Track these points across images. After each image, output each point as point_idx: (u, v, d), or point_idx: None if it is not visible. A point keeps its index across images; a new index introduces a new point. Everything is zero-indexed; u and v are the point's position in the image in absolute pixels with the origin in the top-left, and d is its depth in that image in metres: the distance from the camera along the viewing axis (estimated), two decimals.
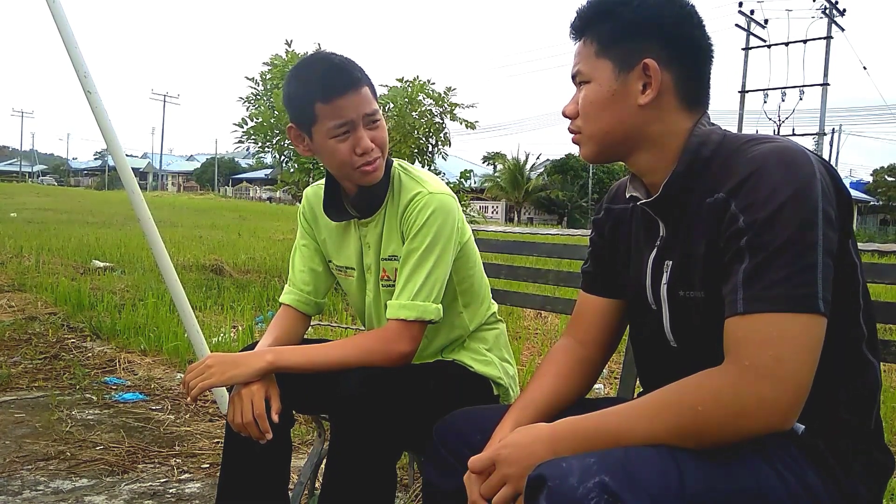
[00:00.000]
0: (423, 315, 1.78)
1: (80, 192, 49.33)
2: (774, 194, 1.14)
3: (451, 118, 9.04)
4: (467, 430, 1.51)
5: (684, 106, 1.33)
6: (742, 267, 1.15)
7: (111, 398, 3.93)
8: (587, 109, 1.36)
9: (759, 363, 1.10)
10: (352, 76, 1.76)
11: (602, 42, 1.34)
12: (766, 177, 1.17)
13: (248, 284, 8.15)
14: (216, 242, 13.91)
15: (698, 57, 1.33)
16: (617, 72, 1.32)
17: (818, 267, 1.12)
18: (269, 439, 1.74)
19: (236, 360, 1.75)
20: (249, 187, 74.13)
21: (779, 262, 1.12)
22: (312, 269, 2.04)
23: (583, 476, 1.05)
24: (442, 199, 1.83)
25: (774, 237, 1.13)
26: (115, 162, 2.93)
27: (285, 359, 1.77)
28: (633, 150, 1.36)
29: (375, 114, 1.78)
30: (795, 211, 1.13)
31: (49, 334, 5.23)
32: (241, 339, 5.04)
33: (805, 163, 1.17)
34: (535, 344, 5.63)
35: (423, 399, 1.76)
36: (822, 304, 1.11)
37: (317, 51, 1.89)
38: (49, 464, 2.96)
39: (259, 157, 9.72)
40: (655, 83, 1.30)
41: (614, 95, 1.33)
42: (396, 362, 1.77)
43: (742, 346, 1.12)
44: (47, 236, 12.68)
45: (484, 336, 2.04)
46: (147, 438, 3.34)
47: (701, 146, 1.30)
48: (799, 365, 1.10)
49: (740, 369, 1.11)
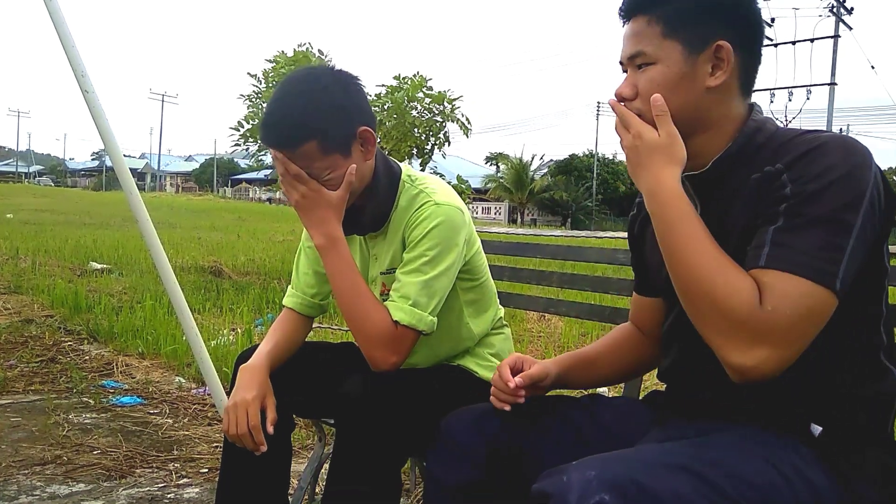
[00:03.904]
0: (418, 324, 1.72)
1: (78, 193, 49.45)
2: (828, 171, 1.17)
3: (450, 119, 9.06)
4: (473, 427, 1.51)
5: (743, 90, 1.35)
6: (773, 227, 1.18)
7: (108, 402, 3.92)
8: (653, 92, 1.32)
9: (776, 314, 1.12)
10: (284, 136, 1.67)
11: (670, 23, 1.31)
12: (824, 155, 1.19)
13: (247, 287, 8.15)
14: (215, 244, 13.92)
15: (760, 40, 1.34)
16: (687, 53, 1.30)
17: (847, 250, 1.14)
18: (264, 451, 1.74)
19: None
20: (249, 188, 74.15)
21: (811, 232, 1.15)
22: (317, 271, 2.00)
23: (582, 493, 1.06)
24: (448, 211, 1.77)
25: (814, 209, 1.15)
26: (113, 162, 2.93)
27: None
28: (694, 132, 1.34)
29: (324, 171, 1.69)
30: (843, 191, 1.15)
31: (46, 337, 5.23)
32: (240, 342, 5.04)
33: (864, 153, 1.20)
34: (538, 347, 5.62)
35: (427, 403, 1.75)
36: (839, 283, 1.13)
37: (299, 71, 1.78)
38: (45, 468, 2.95)
39: (258, 158, 9.74)
40: (728, 66, 1.30)
41: (683, 78, 1.31)
42: (377, 368, 1.72)
43: (767, 291, 1.14)
44: (44, 238, 12.69)
45: (490, 341, 2.03)
46: (145, 443, 3.33)
47: (757, 131, 1.32)
48: (800, 331, 1.13)
49: (763, 310, 1.13)
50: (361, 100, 1.75)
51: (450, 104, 9.09)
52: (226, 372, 3.78)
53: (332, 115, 1.66)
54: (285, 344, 1.94)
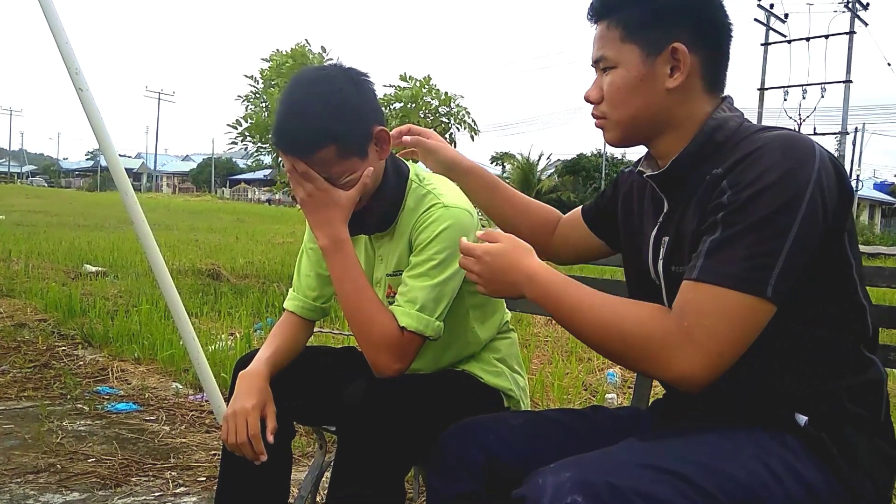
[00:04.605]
0: (425, 329, 1.71)
1: (72, 194, 49.51)
2: (763, 176, 1.20)
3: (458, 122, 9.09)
4: (473, 438, 1.54)
5: (708, 88, 1.39)
6: (710, 238, 1.23)
7: (103, 408, 3.93)
8: (614, 95, 1.40)
9: (693, 329, 1.19)
10: (300, 142, 1.66)
11: (628, 26, 1.37)
12: (760, 159, 1.22)
13: (246, 290, 8.15)
14: (213, 246, 13.93)
15: (722, 38, 1.39)
16: (645, 56, 1.36)
17: (781, 254, 1.18)
18: (264, 461, 1.74)
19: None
20: (247, 188, 74.25)
21: (743, 240, 1.19)
22: (319, 273, 1.99)
23: (555, 495, 1.11)
24: (457, 214, 1.76)
25: (747, 216, 1.19)
26: (108, 162, 2.93)
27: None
28: (659, 133, 1.42)
29: (342, 175, 1.69)
30: (777, 195, 1.18)
31: (39, 342, 5.24)
32: (239, 346, 5.03)
33: (806, 152, 1.22)
34: (545, 352, 5.62)
35: (432, 410, 1.75)
36: (771, 289, 1.18)
37: (309, 71, 1.78)
38: (39, 477, 2.96)
39: (257, 158, 9.75)
40: (684, 67, 1.35)
41: (642, 80, 1.37)
42: (381, 374, 1.71)
43: (686, 308, 1.22)
44: (37, 240, 12.71)
45: (496, 346, 2.02)
46: (141, 450, 3.33)
47: (716, 130, 1.35)
48: (729, 342, 1.19)
49: (678, 327, 1.21)
50: (373, 98, 1.75)
51: (458, 108, 9.13)
52: (224, 378, 3.79)
53: (349, 119, 1.65)
54: (286, 349, 1.94)
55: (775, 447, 1.24)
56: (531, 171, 48.82)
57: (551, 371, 4.80)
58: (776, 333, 1.24)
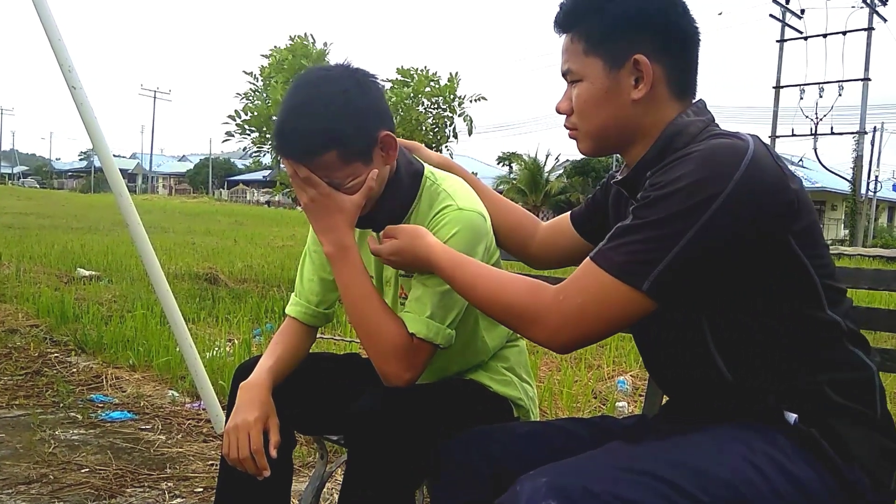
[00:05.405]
0: (436, 337, 1.69)
1: (64, 195, 49.63)
2: (677, 180, 1.26)
3: (457, 113, 9.10)
4: (477, 448, 1.56)
5: (676, 95, 1.43)
6: (619, 224, 1.32)
7: (97, 417, 3.93)
8: (582, 108, 1.46)
9: (568, 301, 1.32)
10: (301, 147, 1.64)
11: (590, 40, 1.42)
12: (684, 164, 1.28)
13: (244, 295, 8.16)
14: (210, 249, 13.95)
15: (686, 45, 1.43)
16: (608, 69, 1.41)
17: (670, 255, 1.24)
18: (267, 476, 1.72)
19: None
20: (246, 190, 74.46)
21: (638, 234, 1.27)
22: (323, 277, 1.97)
23: (529, 500, 1.16)
24: (471, 218, 1.74)
25: (650, 213, 1.27)
26: (102, 162, 2.94)
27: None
28: (629, 142, 1.47)
29: (345, 180, 1.67)
30: (681, 200, 1.24)
31: (31, 348, 5.25)
32: (238, 353, 5.03)
33: (728, 164, 1.25)
34: (553, 359, 5.60)
35: (443, 420, 1.74)
36: (648, 284, 1.25)
37: (314, 71, 1.77)
38: (31, 487, 2.96)
39: (256, 157, 9.76)
40: (647, 78, 1.39)
41: (607, 93, 1.42)
42: (390, 384, 1.69)
43: (570, 281, 1.35)
44: (28, 243, 12.74)
45: (504, 354, 2.00)
46: (136, 460, 3.33)
47: (675, 136, 1.39)
48: (593, 321, 1.31)
49: (553, 300, 1.34)
50: (380, 101, 1.72)
51: (458, 100, 9.14)
52: (222, 385, 3.78)
53: (353, 123, 1.63)
54: (288, 358, 1.91)
55: (762, 445, 1.27)
56: (539, 171, 48.78)
57: (560, 379, 4.79)
58: (750, 331, 1.33)
